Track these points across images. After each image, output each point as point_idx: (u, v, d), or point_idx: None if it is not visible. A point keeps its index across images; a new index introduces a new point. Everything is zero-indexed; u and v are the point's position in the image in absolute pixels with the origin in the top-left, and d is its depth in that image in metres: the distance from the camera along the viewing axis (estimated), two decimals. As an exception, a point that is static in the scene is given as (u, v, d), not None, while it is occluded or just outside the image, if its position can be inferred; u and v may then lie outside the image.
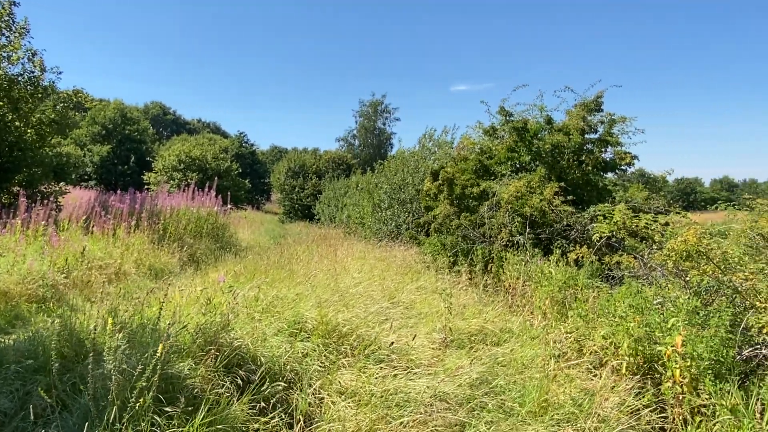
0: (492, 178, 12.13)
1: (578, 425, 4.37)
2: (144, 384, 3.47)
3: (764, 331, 4.74)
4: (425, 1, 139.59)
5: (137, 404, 3.39)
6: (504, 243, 10.38)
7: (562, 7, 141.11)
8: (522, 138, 11.80)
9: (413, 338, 5.98)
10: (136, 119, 48.81)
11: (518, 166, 12.27)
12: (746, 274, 5.40)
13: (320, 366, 5.10)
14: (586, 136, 11.53)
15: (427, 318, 7.26)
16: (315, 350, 5.40)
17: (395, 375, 4.88)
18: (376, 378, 4.85)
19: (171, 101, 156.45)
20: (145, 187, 31.52)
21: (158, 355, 3.47)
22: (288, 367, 4.99)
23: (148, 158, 43.65)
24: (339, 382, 4.73)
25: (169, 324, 4.47)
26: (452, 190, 12.06)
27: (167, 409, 3.61)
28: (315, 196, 40.02)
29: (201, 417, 3.64)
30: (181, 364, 4.22)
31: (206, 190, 17.90)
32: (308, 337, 5.76)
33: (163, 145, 52.70)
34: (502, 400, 4.82)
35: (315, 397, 4.60)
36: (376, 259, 11.85)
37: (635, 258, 7.96)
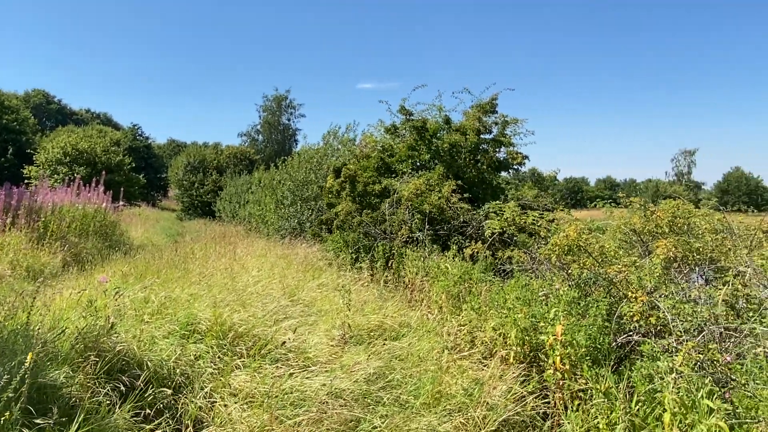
0: (393, 175, 12.34)
1: (468, 414, 4.54)
2: (11, 395, 3.19)
3: (635, 319, 5.17)
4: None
5: (2, 418, 3.11)
6: (404, 239, 10.59)
7: (466, 8, 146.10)
8: (422, 137, 12.09)
9: (312, 336, 5.95)
10: (15, 108, 44.76)
11: (418, 164, 12.56)
12: (620, 266, 5.87)
13: (214, 368, 4.94)
14: (482, 136, 12.03)
15: (328, 315, 7.25)
16: (209, 352, 5.22)
17: (291, 374, 4.83)
18: (272, 378, 4.78)
19: (56, 89, 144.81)
20: (26, 181, 29.01)
21: (27, 363, 3.20)
22: (178, 370, 4.78)
23: (28, 150, 40.14)
24: (233, 384, 4.60)
25: (45, 330, 4.14)
26: (354, 187, 12.13)
27: (38, 421, 3.35)
28: (216, 192, 38.71)
29: (76, 427, 3.40)
30: (57, 372, 3.92)
31: (94, 185, 16.75)
32: (202, 339, 5.56)
33: (47, 136, 48.66)
34: (398, 393, 4.91)
35: (207, 401, 4.45)
36: (278, 257, 11.66)
37: (525, 252, 8.41)
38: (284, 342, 5.37)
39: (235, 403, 4.29)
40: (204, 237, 17.71)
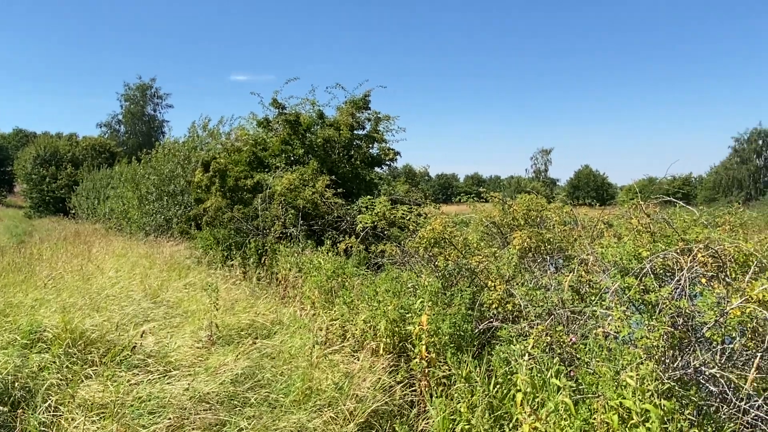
0: (266, 170, 12.06)
1: (338, 408, 4.55)
2: None
3: (494, 306, 5.49)
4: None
5: None
6: (278, 235, 10.40)
7: (345, 4, 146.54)
8: (295, 131, 11.94)
9: (176, 339, 5.64)
10: None
11: (292, 158, 12.40)
12: (481, 257, 6.20)
13: (60, 379, 4.50)
14: (355, 132, 12.15)
15: (194, 316, 6.91)
16: (55, 362, 4.75)
17: (151, 380, 4.53)
18: (129, 385, 4.45)
19: None
20: None
21: None
22: (17, 384, 4.30)
23: None
24: (82, 395, 4.22)
25: None
26: (225, 181, 11.69)
27: None
28: (71, 187, 35.44)
29: None
30: None
31: None
32: (48, 348, 5.04)
33: None
34: (266, 393, 4.79)
35: (51, 416, 4.03)
36: (140, 256, 10.93)
37: (397, 246, 8.61)
38: (135, 346, 5.02)
39: (83, 415, 3.93)
40: (55, 236, 16.13)
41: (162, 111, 60.86)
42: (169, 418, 3.91)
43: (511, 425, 3.96)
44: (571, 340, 4.50)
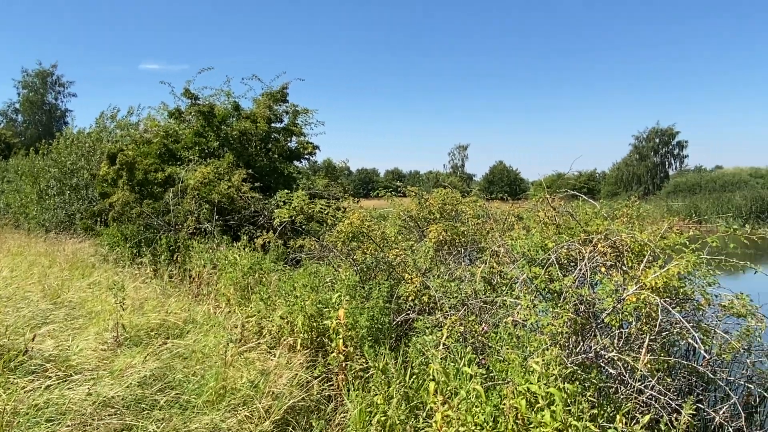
0: (178, 163, 11.59)
1: (253, 406, 4.45)
2: None
3: (410, 298, 5.57)
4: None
5: None
6: (191, 231, 10.04)
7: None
8: (210, 123, 11.55)
9: (78, 341, 5.30)
10: None
11: (207, 151, 11.99)
12: (398, 250, 6.28)
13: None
14: (273, 125, 11.92)
15: (99, 317, 6.53)
16: (-67, 372, 4.32)
17: (48, 386, 4.23)
18: (24, 392, 4.14)
19: None
20: None
21: None
22: None
23: None
24: (-35, 406, 3.87)
25: None
26: (133, 175, 11.11)
27: None
28: (-41, 181, 32.44)
29: None
30: None
31: None
32: (-75, 358, 4.59)
33: None
34: (177, 394, 4.61)
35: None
36: (39, 254, 10.19)
37: (316, 241, 8.55)
38: (27, 350, 4.68)
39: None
40: (-61, 234, 14.73)
41: (64, 100, 56.85)
42: (68, 425, 3.67)
43: (425, 414, 4.04)
44: (483, 329, 4.66)
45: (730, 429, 3.48)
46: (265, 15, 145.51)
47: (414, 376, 4.58)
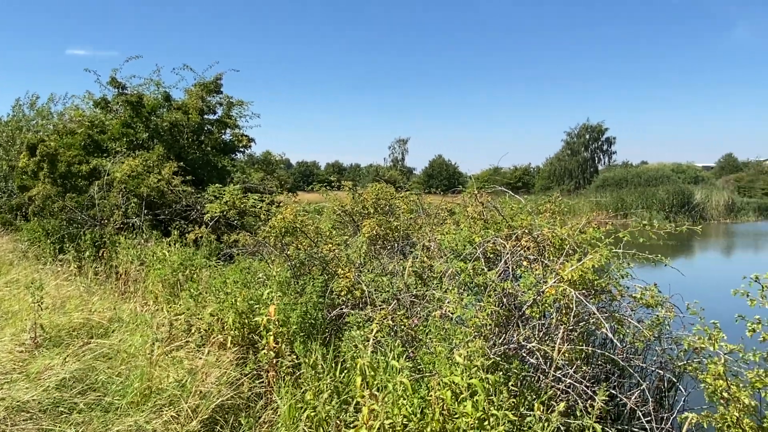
0: (105, 155, 11.10)
1: (180, 406, 4.36)
2: None
3: (343, 293, 5.59)
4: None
5: None
6: (118, 226, 9.66)
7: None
8: (138, 113, 11.12)
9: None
10: None
11: (135, 143, 11.53)
12: (332, 245, 6.27)
13: None
14: (206, 116, 11.61)
15: (17, 317, 6.21)
16: None
17: (-45, 393, 3.99)
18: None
19: None
20: None
21: None
22: None
23: None
24: None
25: None
26: (55, 167, 10.56)
27: None
28: None
29: None
30: None
31: None
32: None
33: None
34: (99, 396, 4.45)
35: None
36: (-51, 252, 9.54)
37: (250, 236, 8.41)
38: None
39: None
40: None
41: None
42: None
43: (354, 408, 4.07)
44: (413, 322, 4.74)
45: (640, 413, 3.70)
46: (199, 4, 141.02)
47: (345, 371, 4.61)
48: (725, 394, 3.13)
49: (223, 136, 11.77)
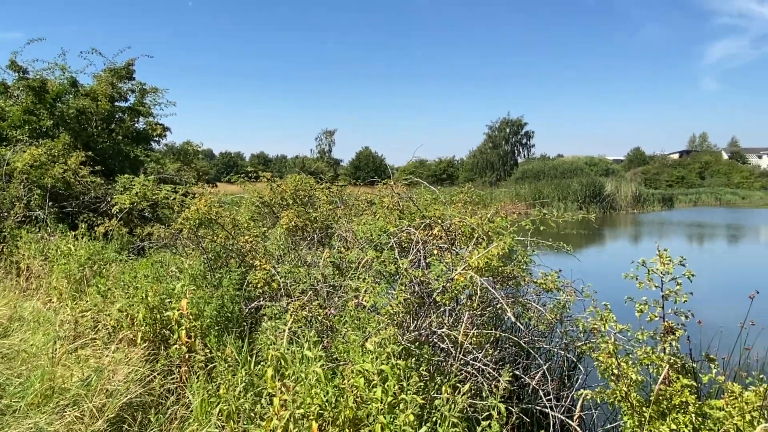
0: (4, 143, 10.34)
1: (85, 406, 4.18)
2: None
3: (259, 285, 5.52)
4: None
5: None
6: (19, 219, 9.05)
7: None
8: (41, 100, 10.43)
9: None
10: None
11: (39, 131, 10.81)
12: (249, 237, 6.18)
13: None
14: (117, 103, 11.07)
15: None
16: None
17: None
18: None
19: None
20: None
21: None
22: None
23: None
24: None
25: None
26: (-54, 156, 9.73)
27: None
28: None
29: None
30: None
31: None
32: None
33: None
34: (-6, 399, 4.19)
35: None
36: None
37: (165, 228, 8.13)
38: None
39: None
40: None
41: None
42: None
43: (268, 400, 4.06)
44: (330, 312, 4.77)
45: (541, 392, 3.92)
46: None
47: (261, 364, 4.57)
48: (615, 371, 3.37)
49: (136, 125, 11.25)
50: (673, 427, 3.24)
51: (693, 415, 3.32)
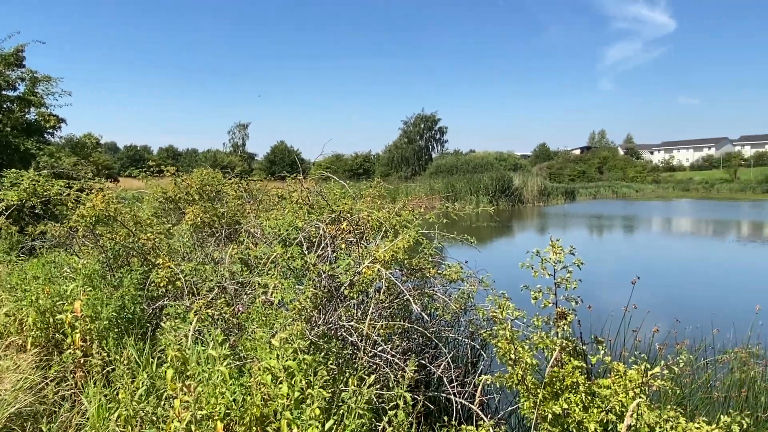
0: None
1: (-37, 420, 3.86)
2: None
3: (162, 284, 5.31)
4: None
5: None
6: None
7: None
8: None
9: None
10: None
11: None
12: (152, 234, 5.92)
13: None
14: (4, 92, 10.20)
15: None
16: None
17: None
18: None
19: None
20: None
21: None
22: None
23: None
24: None
25: None
26: None
27: None
28: None
29: None
30: None
31: None
32: None
33: None
34: None
35: None
36: None
37: (60, 226, 7.62)
38: None
39: None
40: None
41: None
42: None
43: (169, 403, 3.93)
44: (238, 310, 4.67)
45: (446, 380, 4.06)
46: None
47: (164, 365, 4.41)
48: (512, 356, 3.54)
49: (26, 116, 10.42)
50: (565, 406, 3.46)
51: (583, 394, 3.56)
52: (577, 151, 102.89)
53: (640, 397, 3.34)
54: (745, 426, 3.26)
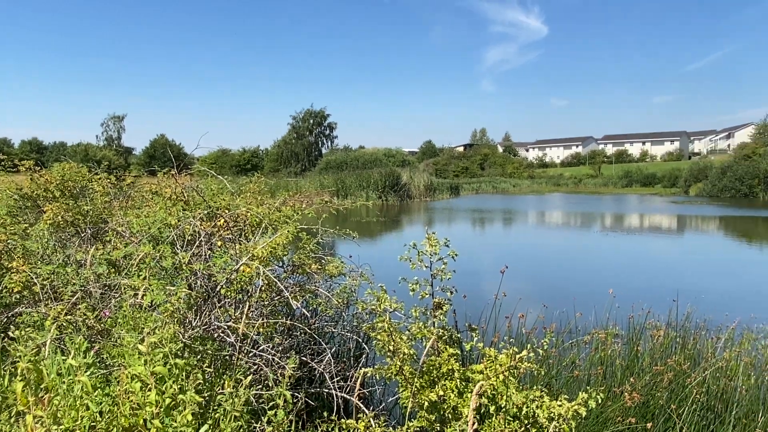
0: None
1: None
2: None
3: (16, 290, 4.81)
4: None
5: None
6: None
7: None
8: None
9: None
10: None
11: None
12: (2, 236, 5.33)
13: None
14: None
15: None
16: None
17: None
18: None
19: None
20: None
21: None
22: None
23: None
24: None
25: None
26: None
27: None
28: None
29: None
30: None
31: None
32: None
33: None
34: None
35: None
36: None
37: None
38: None
39: None
40: None
41: None
42: None
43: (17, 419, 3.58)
44: (104, 315, 4.34)
45: (327, 375, 4.04)
46: None
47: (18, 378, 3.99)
48: (391, 347, 3.60)
49: None
50: (441, 393, 3.57)
51: (458, 380, 3.70)
52: (461, 148, 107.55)
53: (510, 380, 3.53)
54: (600, 401, 3.56)
